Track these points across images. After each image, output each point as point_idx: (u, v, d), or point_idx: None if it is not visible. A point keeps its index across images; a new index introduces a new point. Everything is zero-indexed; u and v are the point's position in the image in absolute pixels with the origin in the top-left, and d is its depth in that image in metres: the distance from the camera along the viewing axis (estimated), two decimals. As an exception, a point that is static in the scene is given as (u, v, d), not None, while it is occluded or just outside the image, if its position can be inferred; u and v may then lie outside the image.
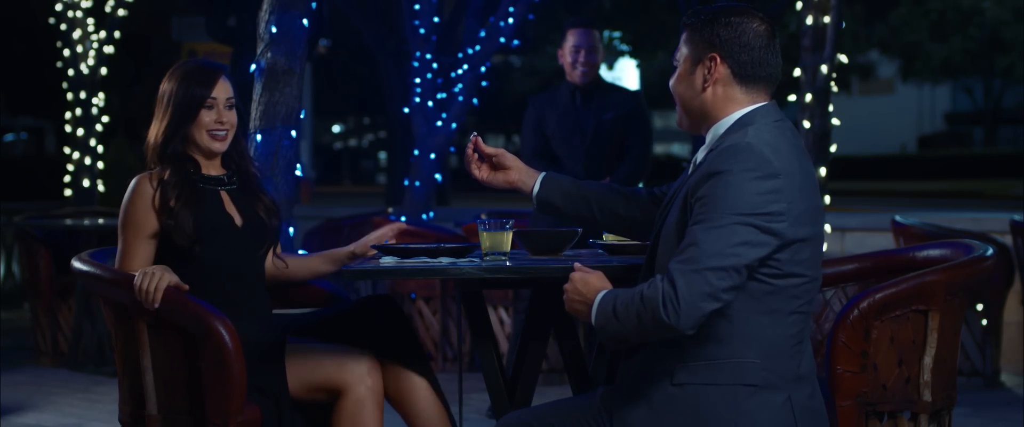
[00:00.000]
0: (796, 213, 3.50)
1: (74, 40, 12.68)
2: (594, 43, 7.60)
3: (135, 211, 4.47)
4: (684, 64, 3.77)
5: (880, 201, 25.95)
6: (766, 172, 3.47)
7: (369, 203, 22.74)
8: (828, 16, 9.39)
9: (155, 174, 4.53)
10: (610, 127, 7.52)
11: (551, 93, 7.81)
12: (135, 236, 4.46)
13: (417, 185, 10.96)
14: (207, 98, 4.56)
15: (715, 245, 3.44)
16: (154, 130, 4.59)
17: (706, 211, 3.49)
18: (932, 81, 51.31)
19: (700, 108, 3.74)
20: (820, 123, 9.36)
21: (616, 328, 3.57)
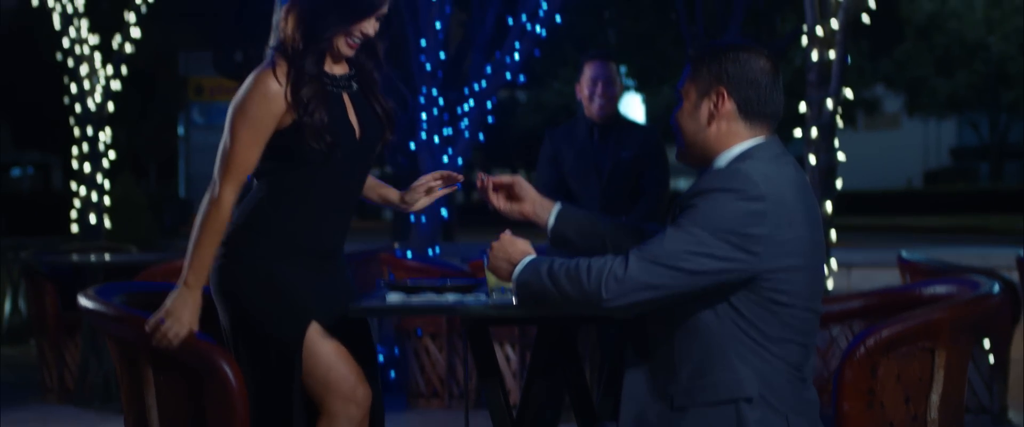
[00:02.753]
0: (781, 240, 3.55)
1: (81, 76, 12.71)
2: (612, 75, 7.51)
3: (256, 106, 4.22)
4: (690, 98, 3.80)
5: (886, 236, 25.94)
6: (750, 195, 3.54)
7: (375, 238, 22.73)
8: (833, 51, 9.40)
9: (281, 68, 4.25)
10: (628, 166, 7.44)
11: (568, 128, 7.74)
12: (253, 135, 4.22)
13: (423, 220, 10.95)
14: (381, 8, 4.34)
15: (678, 245, 3.55)
16: (293, 21, 4.28)
17: (684, 217, 3.60)
18: (938, 116, 51.33)
19: (704, 142, 3.78)
20: (826, 158, 9.35)
21: (539, 287, 3.72)
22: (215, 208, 4.19)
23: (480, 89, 11.32)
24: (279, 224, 4.31)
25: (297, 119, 4.22)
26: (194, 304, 4.16)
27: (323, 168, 4.29)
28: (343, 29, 4.26)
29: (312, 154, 4.24)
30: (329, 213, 4.38)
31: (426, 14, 11.21)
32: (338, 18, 4.24)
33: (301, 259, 4.33)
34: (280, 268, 4.30)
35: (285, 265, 4.31)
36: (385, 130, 4.48)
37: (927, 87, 44.01)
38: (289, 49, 4.26)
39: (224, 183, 4.20)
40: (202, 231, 4.19)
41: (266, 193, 4.35)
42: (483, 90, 11.29)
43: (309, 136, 4.21)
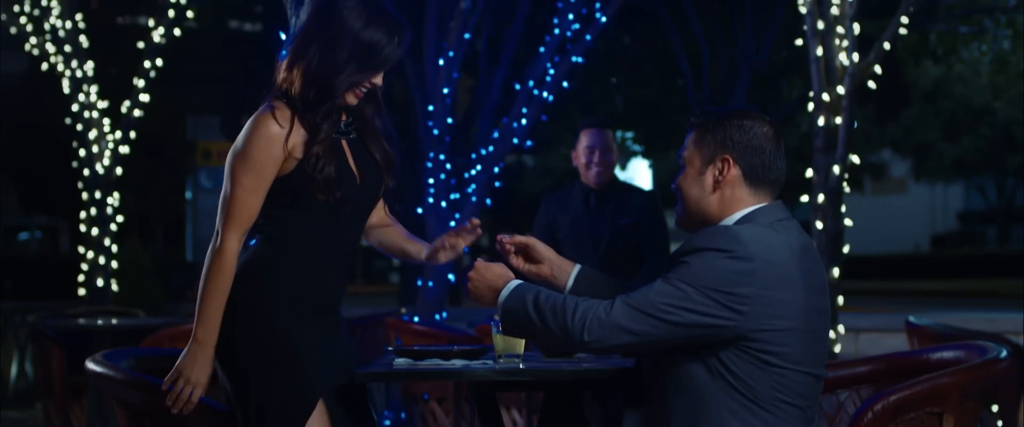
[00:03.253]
0: (770, 301, 3.58)
1: (90, 140, 12.76)
2: (608, 142, 7.51)
3: (258, 150, 4.09)
4: (694, 164, 3.82)
5: (894, 301, 25.88)
6: (738, 254, 3.59)
7: (382, 303, 22.72)
8: (840, 117, 9.42)
9: (282, 112, 4.14)
10: (627, 232, 7.41)
11: (564, 194, 7.74)
12: (255, 180, 4.10)
13: (430, 285, 10.95)
14: (392, 61, 4.25)
15: (664, 297, 3.61)
16: (303, 65, 4.16)
17: (674, 272, 3.65)
18: (945, 180, 51.39)
19: (707, 209, 3.80)
20: (833, 224, 9.36)
21: (524, 317, 3.79)
22: (219, 259, 4.10)
23: (487, 154, 11.35)
24: (281, 278, 4.18)
25: (301, 167, 4.13)
26: (205, 361, 4.10)
27: (325, 217, 4.19)
28: (355, 83, 4.18)
29: (315, 201, 4.15)
30: (331, 264, 4.27)
31: (434, 79, 11.25)
32: (351, 73, 4.15)
33: (305, 316, 4.20)
34: (284, 330, 4.16)
35: (290, 324, 4.16)
36: (384, 176, 4.37)
37: (934, 152, 44.07)
38: (296, 99, 4.16)
39: (227, 232, 4.11)
40: (208, 283, 4.10)
41: (265, 246, 4.23)
42: (490, 155, 11.32)
43: (318, 190, 4.13)
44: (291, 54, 4.21)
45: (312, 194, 4.14)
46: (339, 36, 4.13)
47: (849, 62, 9.53)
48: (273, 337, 4.16)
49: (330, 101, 4.15)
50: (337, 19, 4.13)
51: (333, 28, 4.13)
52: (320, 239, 4.22)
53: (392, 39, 4.18)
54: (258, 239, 4.25)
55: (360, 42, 4.13)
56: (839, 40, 9.57)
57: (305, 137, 4.13)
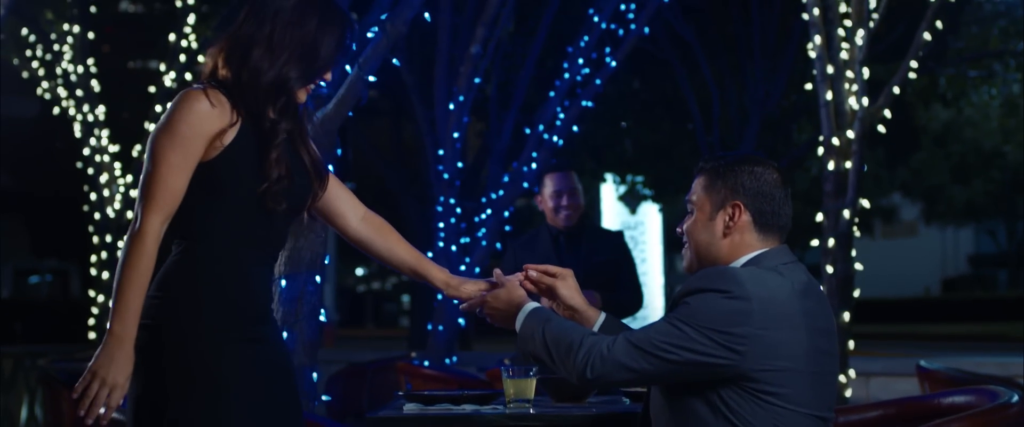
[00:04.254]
0: (770, 341, 3.60)
1: (101, 184, 12.80)
2: (574, 185, 7.50)
3: (185, 125, 3.74)
4: (704, 210, 3.84)
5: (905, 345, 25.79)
6: (736, 294, 3.62)
7: (392, 346, 22.70)
8: (850, 161, 9.43)
9: (215, 95, 3.80)
10: (600, 270, 7.38)
11: (530, 237, 7.72)
12: (181, 157, 3.74)
13: (440, 329, 10.95)
14: (348, 55, 4.05)
15: (664, 337, 3.64)
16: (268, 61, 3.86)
17: (675, 311, 3.69)
18: (955, 224, 51.29)
19: (717, 254, 3.82)
20: (843, 268, 9.35)
21: (534, 348, 3.87)
22: (139, 243, 3.70)
23: (497, 198, 11.37)
24: (208, 289, 3.81)
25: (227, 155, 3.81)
26: (124, 358, 3.68)
27: (253, 216, 3.85)
28: (309, 79, 3.94)
29: (240, 196, 3.82)
30: (259, 268, 3.92)
31: (444, 124, 11.28)
32: (307, 68, 3.91)
33: (234, 331, 3.81)
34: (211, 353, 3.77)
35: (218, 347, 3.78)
36: (313, 181, 4.03)
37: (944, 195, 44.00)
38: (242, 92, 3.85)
39: (148, 214, 3.72)
40: (126, 271, 3.69)
41: (187, 253, 3.86)
42: (500, 199, 11.34)
43: (269, 200, 3.82)
44: (229, 45, 3.92)
45: (235, 187, 3.82)
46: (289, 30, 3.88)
47: (859, 106, 9.54)
48: (198, 364, 3.77)
49: (285, 95, 3.89)
50: (286, 12, 3.88)
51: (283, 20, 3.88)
52: (246, 239, 3.88)
53: (342, 32, 3.97)
54: (175, 245, 3.89)
55: (313, 36, 3.90)
56: (849, 84, 9.59)
57: (240, 127, 3.82)
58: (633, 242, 24.61)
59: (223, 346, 3.79)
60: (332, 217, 4.26)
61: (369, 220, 4.29)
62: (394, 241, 4.31)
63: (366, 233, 4.28)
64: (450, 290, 4.30)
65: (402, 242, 4.32)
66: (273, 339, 3.95)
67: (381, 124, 24.49)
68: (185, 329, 3.78)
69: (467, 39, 11.57)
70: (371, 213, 4.32)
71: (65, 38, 13.03)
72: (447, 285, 4.29)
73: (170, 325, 3.78)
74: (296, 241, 6.18)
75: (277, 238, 3.99)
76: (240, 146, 3.83)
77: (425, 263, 4.33)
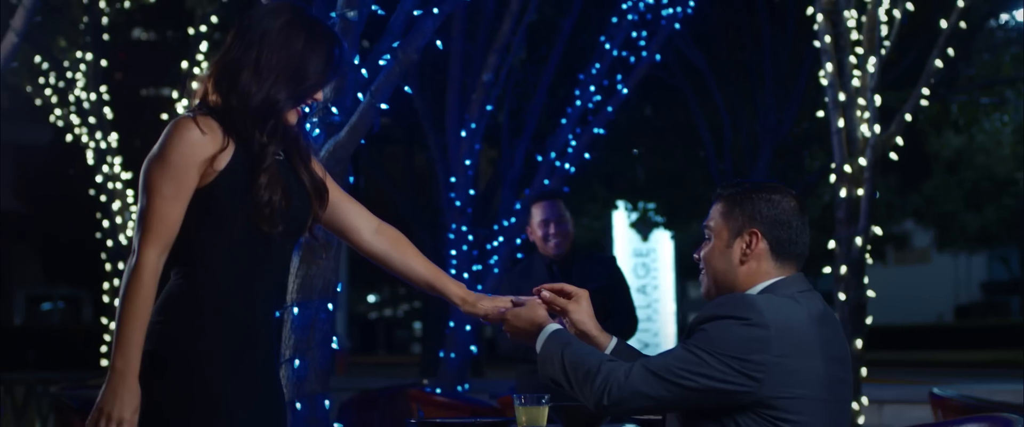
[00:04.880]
0: (787, 369, 3.60)
1: (113, 211, 12.82)
2: (561, 212, 7.50)
3: (177, 154, 3.72)
4: (721, 237, 3.85)
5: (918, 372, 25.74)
6: (753, 322, 3.61)
7: (404, 374, 22.71)
8: (862, 188, 9.42)
9: (206, 122, 3.78)
10: (595, 297, 7.39)
11: (525, 266, 7.73)
12: (175, 187, 3.71)
13: (453, 356, 10.95)
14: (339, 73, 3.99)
15: (681, 363, 3.63)
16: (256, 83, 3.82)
17: (692, 338, 3.68)
18: (968, 250, 51.19)
19: (733, 281, 3.82)
20: (855, 295, 9.34)
21: (552, 371, 3.87)
22: (137, 277, 3.67)
23: (509, 225, 11.37)
24: (207, 317, 3.78)
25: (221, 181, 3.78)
26: (128, 393, 3.65)
27: (250, 241, 3.82)
28: (300, 100, 3.90)
29: (237, 222, 3.78)
30: (259, 294, 3.88)
31: (456, 151, 11.30)
32: (293, 89, 3.87)
33: (232, 358, 3.79)
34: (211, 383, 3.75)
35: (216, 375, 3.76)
36: (313, 202, 4.00)
37: (956, 222, 43.95)
38: (232, 115, 3.83)
39: (145, 247, 3.69)
40: (126, 306, 3.66)
41: (184, 279, 3.81)
42: (512, 226, 11.34)
43: (263, 222, 3.78)
44: (218, 70, 3.89)
45: (231, 212, 3.78)
46: (276, 52, 3.84)
47: (871, 133, 9.54)
48: (198, 390, 3.75)
49: (275, 117, 3.84)
50: (272, 35, 3.85)
51: (269, 43, 3.85)
52: (245, 263, 3.84)
53: (331, 52, 3.92)
54: (175, 273, 3.82)
55: (300, 57, 3.86)
56: (861, 112, 9.59)
57: (233, 151, 3.79)
58: (645, 269, 24.60)
59: (222, 372, 3.77)
60: (345, 232, 4.23)
61: (383, 232, 4.25)
62: (410, 255, 4.27)
63: (381, 247, 4.25)
64: (466, 306, 4.27)
65: (418, 256, 4.29)
66: (271, 364, 3.94)
67: (393, 151, 24.53)
68: (184, 355, 3.75)
69: (479, 66, 11.60)
70: (385, 225, 4.28)
71: (78, 65, 13.07)
72: (464, 301, 4.26)
73: (169, 351, 3.75)
74: (308, 268, 6.18)
75: (278, 261, 3.96)
76: (234, 171, 3.80)
77: (442, 278, 4.29)
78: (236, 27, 3.93)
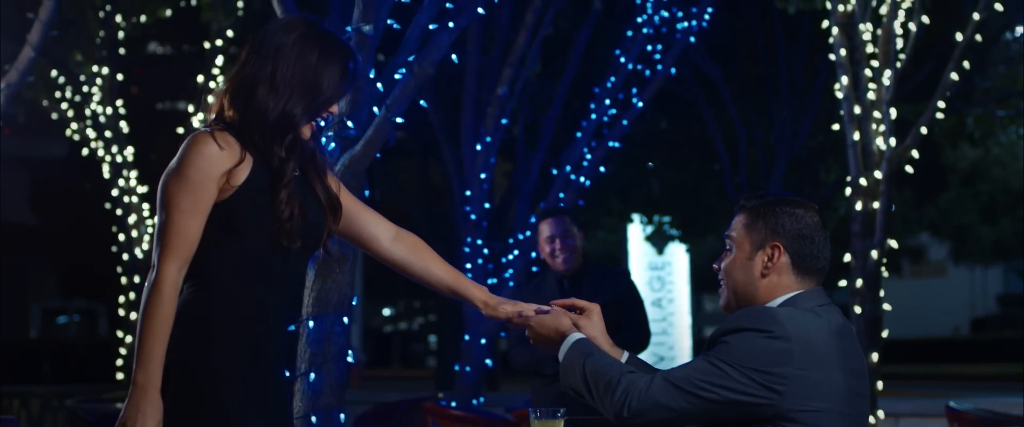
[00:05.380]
0: (808, 382, 3.61)
1: (129, 225, 12.85)
2: (568, 228, 7.54)
3: (195, 169, 3.76)
4: (743, 249, 3.85)
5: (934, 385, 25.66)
6: (776, 334, 3.63)
7: (419, 387, 22.68)
8: (877, 201, 9.41)
9: (221, 134, 3.82)
10: (606, 310, 7.42)
11: (537, 282, 7.77)
12: (193, 202, 3.74)
13: (468, 370, 10.95)
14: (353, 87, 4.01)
15: (702, 375, 3.65)
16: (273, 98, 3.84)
17: (714, 350, 3.69)
18: (984, 263, 51.08)
19: (754, 293, 3.83)
20: (871, 308, 9.32)
21: (574, 381, 3.88)
22: (157, 293, 3.70)
23: (524, 238, 11.37)
24: (220, 330, 3.79)
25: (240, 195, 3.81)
26: (150, 407, 3.68)
27: (266, 255, 3.84)
28: (315, 113, 3.92)
29: (254, 236, 3.81)
30: (273, 307, 3.90)
31: (471, 164, 11.31)
32: (309, 103, 3.89)
33: (244, 371, 3.80)
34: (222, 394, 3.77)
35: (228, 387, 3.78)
36: (328, 217, 4.02)
37: (972, 235, 43.86)
38: (249, 131, 3.85)
39: (165, 261, 3.72)
40: (147, 321, 3.69)
41: (199, 292, 3.83)
42: (527, 239, 11.34)
43: (282, 237, 3.81)
44: (234, 86, 3.92)
45: (249, 226, 3.81)
46: (291, 66, 3.86)
47: (886, 146, 9.53)
48: (209, 401, 3.77)
49: (292, 131, 3.87)
50: (287, 49, 3.87)
51: (284, 57, 3.87)
52: (261, 277, 3.86)
53: (345, 64, 3.94)
54: (188, 286, 3.84)
55: (315, 71, 3.87)
56: (876, 125, 9.58)
57: (251, 166, 3.82)
58: (660, 282, 24.56)
59: (232, 384, 3.79)
60: (365, 241, 4.24)
61: (402, 239, 4.27)
62: (430, 259, 4.28)
63: (401, 254, 4.25)
64: (488, 309, 4.27)
65: (438, 260, 4.29)
66: (281, 378, 3.95)
67: (408, 165, 24.53)
68: (197, 367, 3.77)
69: (494, 80, 11.61)
70: (403, 232, 4.29)
71: (94, 79, 13.11)
72: (486, 304, 4.26)
73: (183, 363, 3.77)
74: (323, 282, 6.19)
75: (293, 275, 3.98)
76: (251, 186, 3.82)
77: (463, 281, 4.29)
78: (250, 43, 3.95)
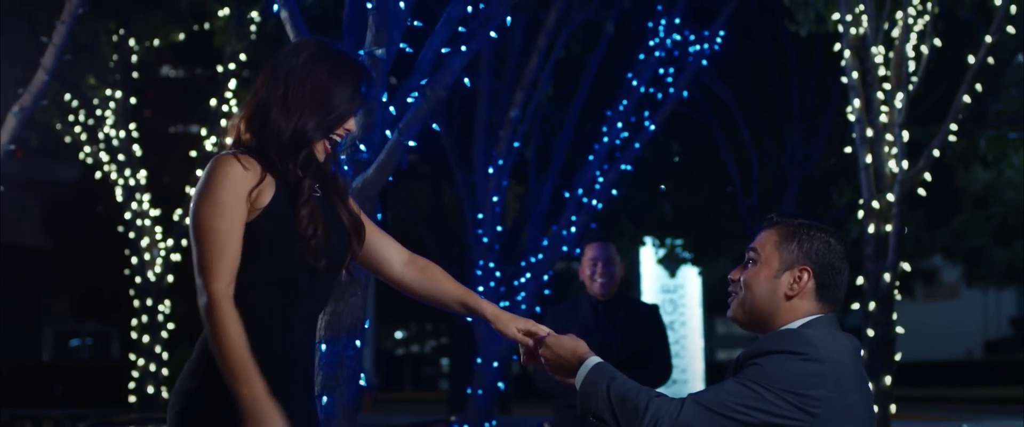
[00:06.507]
0: (840, 405, 3.60)
1: (142, 248, 12.87)
2: (611, 255, 7.64)
3: (224, 190, 3.73)
4: (770, 265, 3.83)
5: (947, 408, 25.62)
6: (811, 357, 3.60)
7: (431, 410, 22.68)
8: (890, 224, 9.40)
9: (244, 157, 3.79)
10: (636, 340, 7.53)
11: (570, 305, 7.82)
12: (228, 221, 3.71)
13: (480, 393, 10.93)
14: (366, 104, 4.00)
15: (736, 398, 3.59)
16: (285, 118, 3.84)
17: (746, 373, 3.63)
18: (997, 286, 50.94)
19: (774, 311, 3.82)
20: (884, 331, 9.31)
21: (597, 406, 3.77)
22: (216, 312, 3.68)
23: (537, 261, 11.36)
24: (253, 347, 3.72)
25: (264, 218, 3.78)
26: (271, 412, 3.67)
27: (293, 277, 3.83)
28: (329, 129, 3.91)
29: (280, 258, 3.80)
30: (301, 327, 3.90)
31: (483, 187, 11.31)
32: (321, 119, 3.89)
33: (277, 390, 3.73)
34: None
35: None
36: (351, 239, 4.00)
37: (985, 257, 43.79)
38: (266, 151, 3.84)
39: (211, 281, 3.70)
40: (220, 341, 3.67)
41: None
42: (540, 262, 11.33)
43: (308, 254, 3.79)
44: (249, 112, 3.91)
45: (275, 247, 3.80)
46: (301, 85, 3.86)
47: (899, 169, 9.52)
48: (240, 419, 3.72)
49: (305, 148, 3.86)
50: (297, 70, 3.88)
51: (295, 78, 3.87)
52: (289, 298, 3.85)
53: (356, 80, 3.94)
54: None
55: (325, 88, 3.88)
56: (888, 147, 9.57)
57: (273, 188, 3.81)
58: (673, 305, 24.54)
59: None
60: (378, 265, 4.24)
61: (413, 262, 4.26)
62: (440, 278, 4.27)
63: (411, 276, 4.25)
64: (499, 323, 4.22)
65: (448, 279, 4.28)
66: (311, 397, 3.96)
67: (421, 188, 24.56)
68: (227, 395, 3.72)
69: (506, 103, 11.62)
70: (415, 256, 4.29)
71: (107, 103, 13.14)
72: (497, 317, 4.22)
73: (212, 388, 3.75)
74: (335, 305, 6.19)
75: (320, 295, 3.98)
76: (275, 208, 3.82)
77: (474, 297, 4.27)
78: (264, 69, 3.97)
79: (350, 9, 6.53)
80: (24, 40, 11.47)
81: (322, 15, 13.37)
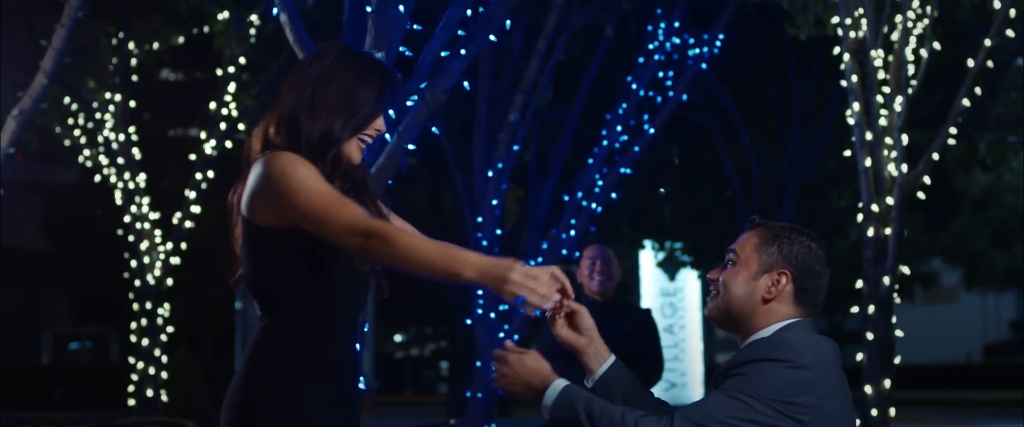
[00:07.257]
0: (827, 411, 3.59)
1: (141, 251, 12.86)
2: (609, 256, 7.81)
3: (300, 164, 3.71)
4: (749, 267, 3.82)
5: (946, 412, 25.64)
6: (797, 364, 3.58)
7: (430, 413, 22.67)
8: (889, 227, 9.39)
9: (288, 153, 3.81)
10: (631, 341, 7.64)
11: None
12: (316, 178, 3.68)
13: (479, 396, 10.93)
14: (389, 103, 3.99)
15: (724, 410, 3.55)
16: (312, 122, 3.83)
17: (732, 383, 3.60)
18: (996, 289, 50.95)
19: (751, 313, 3.81)
20: (884, 335, 9.30)
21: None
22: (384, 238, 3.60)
23: (536, 264, 11.36)
24: (301, 357, 3.77)
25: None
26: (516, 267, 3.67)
27: (342, 283, 3.81)
28: (358, 128, 3.91)
29: (332, 262, 3.78)
30: (346, 330, 3.88)
31: (483, 191, 11.32)
32: (349, 119, 3.88)
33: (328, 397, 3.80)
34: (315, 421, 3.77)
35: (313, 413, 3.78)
36: None
37: (985, 260, 43.78)
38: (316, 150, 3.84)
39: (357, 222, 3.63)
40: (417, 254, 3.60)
41: (275, 323, 3.82)
42: (539, 266, 11.33)
43: (357, 259, 3.78)
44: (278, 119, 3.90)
45: (318, 251, 3.77)
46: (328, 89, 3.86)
47: (898, 172, 9.52)
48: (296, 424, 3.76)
49: (333, 148, 3.85)
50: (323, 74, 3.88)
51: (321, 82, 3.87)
52: (334, 304, 3.85)
53: (382, 81, 3.95)
54: (266, 317, 3.85)
55: (351, 89, 3.88)
56: (888, 151, 9.57)
57: None
58: (672, 308, 24.54)
59: (313, 415, 3.79)
60: None
61: None
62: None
63: None
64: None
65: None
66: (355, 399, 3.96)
67: (420, 191, 24.56)
68: (279, 404, 3.76)
69: (506, 107, 11.63)
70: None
71: (107, 106, 13.14)
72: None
73: (265, 401, 3.76)
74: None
75: (361, 298, 3.97)
76: None
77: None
78: (289, 77, 3.97)
79: (350, 12, 6.53)
80: (24, 43, 11.47)
81: (322, 18, 13.38)
